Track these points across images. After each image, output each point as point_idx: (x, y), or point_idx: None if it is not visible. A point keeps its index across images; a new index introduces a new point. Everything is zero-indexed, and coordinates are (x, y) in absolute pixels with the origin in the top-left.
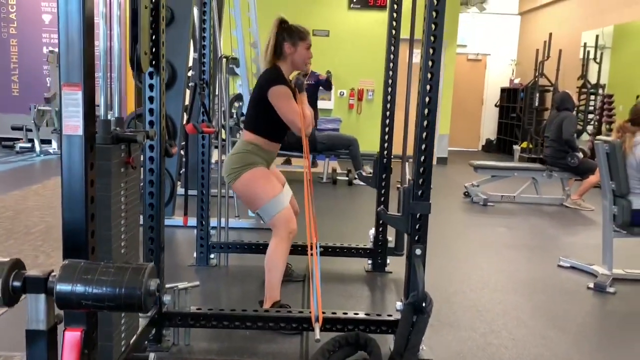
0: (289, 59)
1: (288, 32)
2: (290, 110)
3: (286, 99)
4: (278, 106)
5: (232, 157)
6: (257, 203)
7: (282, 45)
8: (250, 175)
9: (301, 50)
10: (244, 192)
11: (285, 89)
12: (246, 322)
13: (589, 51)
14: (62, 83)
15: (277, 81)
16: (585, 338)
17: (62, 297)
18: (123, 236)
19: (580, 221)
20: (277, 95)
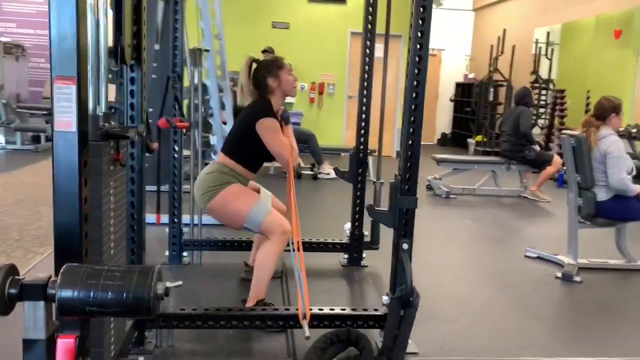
0: (277, 91)
1: (265, 68)
2: (279, 143)
3: (275, 131)
4: (267, 138)
5: (206, 177)
6: (240, 217)
7: (265, 82)
8: (226, 192)
9: (285, 77)
10: (222, 211)
11: (274, 122)
12: (232, 321)
13: (540, 47)
14: (55, 76)
15: (266, 113)
16: (560, 328)
17: (64, 304)
18: (112, 237)
19: (539, 212)
20: (266, 128)
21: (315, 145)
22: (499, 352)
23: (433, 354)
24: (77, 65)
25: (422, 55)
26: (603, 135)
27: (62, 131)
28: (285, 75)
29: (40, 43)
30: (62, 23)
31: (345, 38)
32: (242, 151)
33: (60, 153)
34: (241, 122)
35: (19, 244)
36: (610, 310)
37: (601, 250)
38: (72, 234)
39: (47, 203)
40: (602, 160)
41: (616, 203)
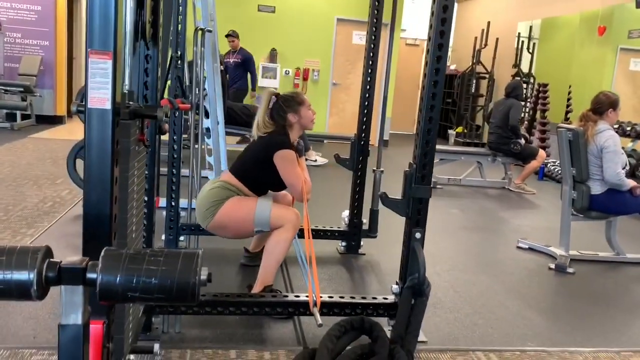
0: (295, 126)
1: (285, 103)
2: (294, 175)
3: (292, 164)
4: (283, 169)
5: (210, 192)
6: (248, 222)
7: (286, 117)
8: (228, 204)
9: (305, 113)
10: (229, 222)
11: (292, 154)
12: (241, 307)
13: (523, 41)
14: (90, 50)
15: (286, 145)
16: (560, 318)
17: (106, 289)
18: (134, 219)
19: (525, 204)
20: (283, 159)
21: None
22: (505, 342)
23: (440, 343)
24: (114, 39)
25: (444, 43)
26: (600, 130)
27: (96, 108)
28: (305, 110)
29: (16, 17)
30: None
31: (331, 24)
32: (253, 176)
33: (94, 131)
34: (258, 150)
35: (5, 225)
36: (605, 300)
37: (590, 243)
38: (102, 215)
39: (29, 183)
40: (598, 154)
41: (610, 197)
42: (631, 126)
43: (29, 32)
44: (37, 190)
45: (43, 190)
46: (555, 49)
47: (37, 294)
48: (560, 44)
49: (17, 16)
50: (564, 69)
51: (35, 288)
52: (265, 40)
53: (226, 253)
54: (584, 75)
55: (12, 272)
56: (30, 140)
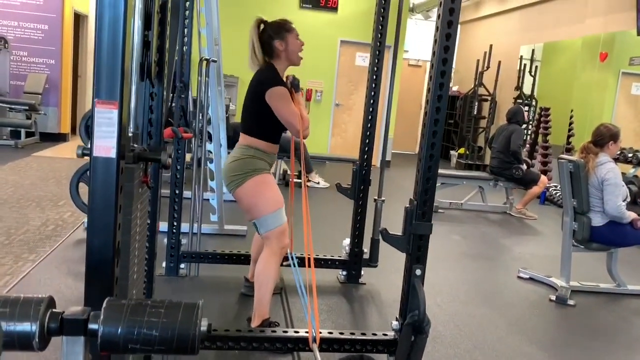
0: (282, 55)
1: (272, 29)
2: (289, 112)
3: (285, 100)
4: (277, 108)
5: (234, 164)
6: (258, 212)
7: (272, 44)
8: (254, 182)
9: (292, 41)
10: (247, 200)
11: (283, 90)
12: (240, 342)
13: (525, 64)
14: (97, 100)
15: (275, 82)
16: (561, 353)
17: (107, 341)
18: (136, 260)
19: (527, 230)
20: (275, 97)
21: (305, 154)
22: None
23: None
24: (121, 89)
25: (444, 83)
26: (601, 162)
27: (101, 157)
28: (293, 39)
29: (23, 36)
30: (110, 45)
31: (335, 46)
32: (260, 126)
33: (99, 178)
34: (251, 94)
35: (7, 250)
36: (606, 334)
37: (591, 273)
38: (105, 261)
39: (32, 204)
40: (599, 186)
41: (610, 229)
42: (633, 153)
43: (35, 51)
44: (39, 212)
45: (46, 212)
46: (558, 72)
47: (38, 345)
48: (562, 67)
49: (24, 35)
50: (566, 92)
51: (37, 340)
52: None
53: (226, 281)
54: (585, 98)
55: (14, 324)
56: (34, 159)
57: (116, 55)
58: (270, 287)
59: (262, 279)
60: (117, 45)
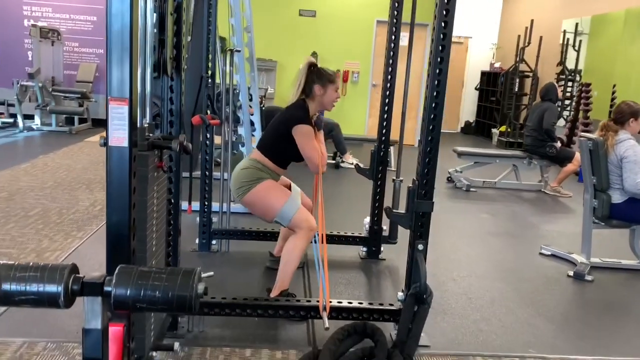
0: (317, 99)
1: (318, 74)
2: (311, 148)
3: (309, 137)
4: (301, 143)
5: (242, 172)
6: (272, 212)
7: (312, 87)
8: (260, 187)
9: (330, 92)
10: (257, 204)
11: (309, 129)
12: (258, 310)
13: (568, 38)
14: (110, 97)
15: (304, 120)
16: (568, 326)
17: (119, 300)
18: (154, 235)
19: (558, 209)
20: (301, 133)
21: (339, 135)
22: (506, 348)
23: (443, 347)
24: (130, 87)
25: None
26: (620, 140)
27: (115, 146)
28: (332, 90)
29: (74, 28)
30: (118, 49)
31: (371, 26)
32: (276, 150)
33: (114, 165)
34: (278, 124)
35: (59, 228)
36: (619, 309)
37: (615, 250)
38: (122, 235)
39: (82, 187)
40: (618, 164)
41: (630, 206)
42: None
43: (85, 41)
44: (89, 194)
45: (94, 193)
46: (604, 46)
47: (64, 303)
48: (609, 41)
49: (75, 27)
50: (613, 66)
51: (63, 299)
52: (306, 44)
53: (254, 256)
54: (630, 73)
55: (44, 286)
56: (85, 144)
57: (124, 59)
58: (295, 265)
59: (288, 257)
60: (125, 50)
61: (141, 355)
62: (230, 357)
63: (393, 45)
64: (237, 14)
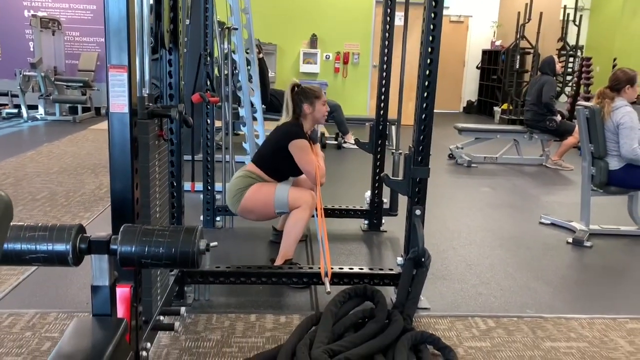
0: (309, 117)
1: (303, 95)
2: (308, 162)
3: (306, 152)
4: (298, 157)
5: (235, 181)
6: (269, 206)
7: (301, 107)
8: (250, 192)
9: (319, 107)
10: (253, 208)
11: (305, 143)
12: (261, 277)
13: (568, 14)
14: (109, 65)
15: (299, 135)
16: (566, 289)
17: (124, 257)
18: (158, 202)
19: (559, 181)
20: (298, 148)
21: (340, 116)
22: (504, 309)
23: (442, 310)
24: (128, 55)
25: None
26: (617, 107)
27: (116, 112)
28: (320, 105)
29: (74, 17)
30: (115, 18)
31: (370, 7)
32: (272, 165)
33: (115, 131)
34: (274, 140)
35: (66, 209)
36: (616, 272)
37: (614, 217)
38: (126, 199)
39: (88, 171)
40: (615, 130)
41: (627, 172)
42: None
43: (86, 30)
44: (94, 177)
45: (99, 177)
46: (606, 20)
47: (72, 261)
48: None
49: (75, 16)
50: (614, 40)
51: (71, 257)
52: (305, 27)
53: (257, 231)
54: (630, 47)
55: (53, 244)
56: (89, 132)
57: (122, 28)
58: (298, 236)
59: (291, 230)
60: (122, 19)
61: (149, 317)
62: (236, 322)
63: (389, 27)
64: None
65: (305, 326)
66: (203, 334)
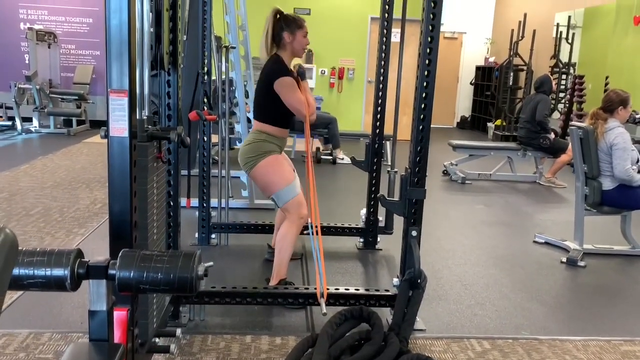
0: (288, 47)
1: (285, 21)
2: (296, 99)
3: (291, 89)
4: (284, 96)
5: (247, 147)
6: (272, 189)
7: (281, 34)
8: (265, 162)
9: (299, 37)
10: (260, 179)
11: (290, 80)
12: (257, 298)
13: (561, 31)
14: (110, 90)
15: (282, 72)
16: (560, 309)
17: (122, 283)
18: (155, 223)
19: (553, 199)
20: (283, 86)
21: (335, 129)
22: (500, 330)
23: (438, 331)
24: (129, 80)
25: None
26: (610, 128)
27: (116, 136)
28: (301, 35)
29: (70, 30)
30: (117, 43)
31: (365, 23)
32: (270, 112)
33: (115, 154)
34: (261, 84)
35: (60, 225)
36: (610, 293)
37: (608, 237)
38: (124, 222)
39: (82, 186)
40: (608, 151)
41: (621, 192)
42: None
43: (81, 43)
44: (88, 192)
45: (94, 192)
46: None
47: (70, 286)
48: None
49: (71, 29)
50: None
51: (69, 282)
52: None
53: (253, 249)
54: (622, 65)
55: (51, 270)
56: (84, 145)
57: (123, 53)
58: (289, 252)
59: (282, 245)
60: (123, 44)
61: (145, 340)
62: (231, 343)
63: (385, 41)
64: (232, 12)
65: (301, 348)
66: (198, 356)
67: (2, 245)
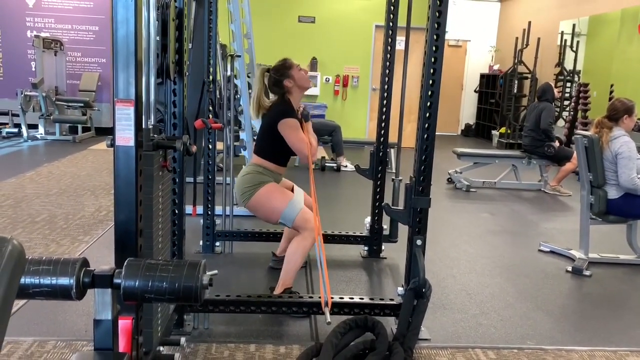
0: (294, 89)
1: (277, 73)
2: (298, 140)
3: (295, 130)
4: (287, 137)
5: (244, 178)
6: (276, 214)
7: (282, 84)
8: (263, 190)
9: (297, 75)
10: (260, 208)
11: (294, 121)
12: (261, 306)
13: (566, 39)
14: (116, 99)
15: (287, 114)
16: (565, 319)
17: (128, 292)
18: (160, 232)
19: (558, 207)
20: (286, 127)
21: (339, 137)
22: (505, 340)
23: (443, 341)
24: (135, 89)
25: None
26: (615, 136)
27: (122, 145)
28: (296, 72)
29: (77, 38)
30: (124, 54)
31: (369, 31)
32: (270, 150)
33: (121, 163)
34: (266, 124)
35: (65, 233)
36: (616, 302)
37: (614, 246)
38: (129, 231)
39: (87, 193)
40: (613, 160)
41: (626, 201)
42: None
43: (88, 51)
44: (94, 200)
45: (99, 199)
46: (602, 46)
47: (76, 295)
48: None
49: (78, 37)
50: (611, 66)
51: (75, 291)
52: (306, 50)
53: (257, 257)
54: (626, 72)
55: (57, 278)
56: (89, 152)
57: (130, 63)
58: (299, 264)
59: (292, 257)
60: (130, 54)
61: (149, 349)
62: (235, 352)
63: (390, 49)
64: (237, 20)
65: (305, 357)
66: None
67: (9, 256)
